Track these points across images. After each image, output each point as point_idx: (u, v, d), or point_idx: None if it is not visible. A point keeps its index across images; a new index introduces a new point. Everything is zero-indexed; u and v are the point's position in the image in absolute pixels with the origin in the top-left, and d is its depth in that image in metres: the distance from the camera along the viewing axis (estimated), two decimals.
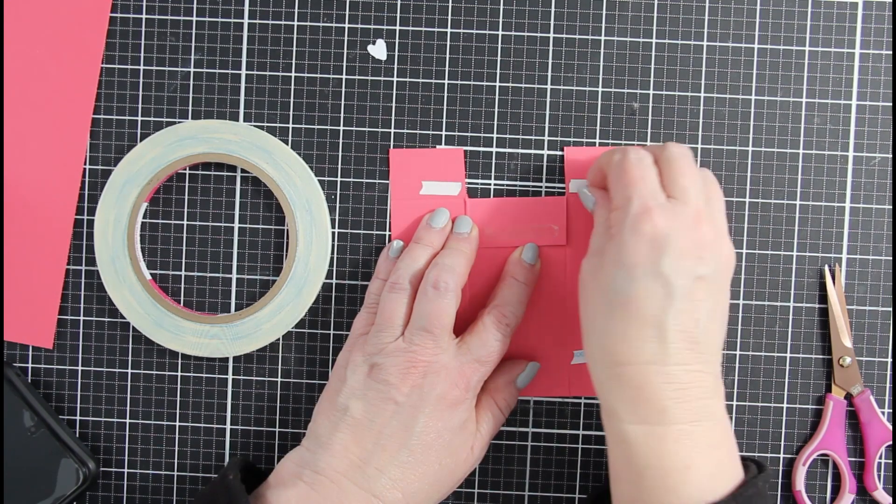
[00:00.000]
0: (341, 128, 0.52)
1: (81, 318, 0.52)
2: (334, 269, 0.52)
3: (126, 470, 0.53)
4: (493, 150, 0.52)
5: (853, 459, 0.53)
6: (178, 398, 0.53)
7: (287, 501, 0.44)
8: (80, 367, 0.53)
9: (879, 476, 0.52)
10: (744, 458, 0.46)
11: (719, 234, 0.44)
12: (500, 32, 0.52)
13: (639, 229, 0.43)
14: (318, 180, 0.52)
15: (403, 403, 0.46)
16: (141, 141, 0.52)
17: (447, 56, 0.52)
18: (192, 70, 0.52)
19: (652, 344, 0.42)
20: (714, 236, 0.44)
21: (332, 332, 0.52)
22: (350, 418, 0.46)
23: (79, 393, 0.53)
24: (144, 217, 0.52)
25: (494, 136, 0.52)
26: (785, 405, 0.52)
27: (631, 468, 0.43)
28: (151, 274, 0.52)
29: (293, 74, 0.52)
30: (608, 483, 0.45)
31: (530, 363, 0.51)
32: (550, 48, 0.52)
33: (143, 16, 0.52)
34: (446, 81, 0.52)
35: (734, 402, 0.52)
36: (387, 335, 0.47)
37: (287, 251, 0.52)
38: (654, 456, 0.42)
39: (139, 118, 0.52)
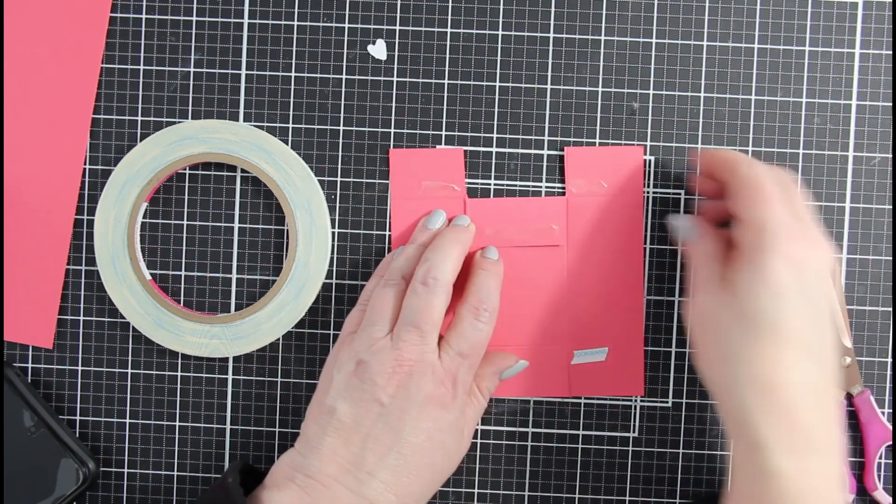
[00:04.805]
0: (341, 128, 0.52)
1: (81, 318, 0.52)
2: (334, 269, 0.52)
3: (126, 470, 0.53)
4: (493, 150, 0.52)
5: (853, 459, 0.52)
6: (178, 398, 0.53)
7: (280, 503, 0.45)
8: (80, 367, 0.53)
9: (879, 476, 0.52)
10: None
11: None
12: (500, 32, 0.52)
13: (783, 251, 0.44)
14: (318, 180, 0.52)
15: (389, 405, 0.45)
16: (141, 141, 0.52)
17: (447, 56, 0.52)
18: (192, 70, 0.52)
19: (807, 363, 0.43)
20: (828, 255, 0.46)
21: (332, 332, 0.52)
22: (337, 422, 0.45)
23: (79, 393, 0.53)
24: (144, 217, 0.52)
25: (494, 136, 0.52)
26: None
27: (770, 500, 0.43)
28: (151, 274, 0.52)
29: (293, 74, 0.52)
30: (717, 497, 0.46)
31: (519, 361, 0.50)
32: (550, 48, 0.52)
33: (143, 16, 0.52)
34: (446, 81, 0.52)
35: None
36: (376, 330, 0.47)
37: (287, 251, 0.52)
38: (799, 492, 0.42)
39: (139, 118, 0.52)
